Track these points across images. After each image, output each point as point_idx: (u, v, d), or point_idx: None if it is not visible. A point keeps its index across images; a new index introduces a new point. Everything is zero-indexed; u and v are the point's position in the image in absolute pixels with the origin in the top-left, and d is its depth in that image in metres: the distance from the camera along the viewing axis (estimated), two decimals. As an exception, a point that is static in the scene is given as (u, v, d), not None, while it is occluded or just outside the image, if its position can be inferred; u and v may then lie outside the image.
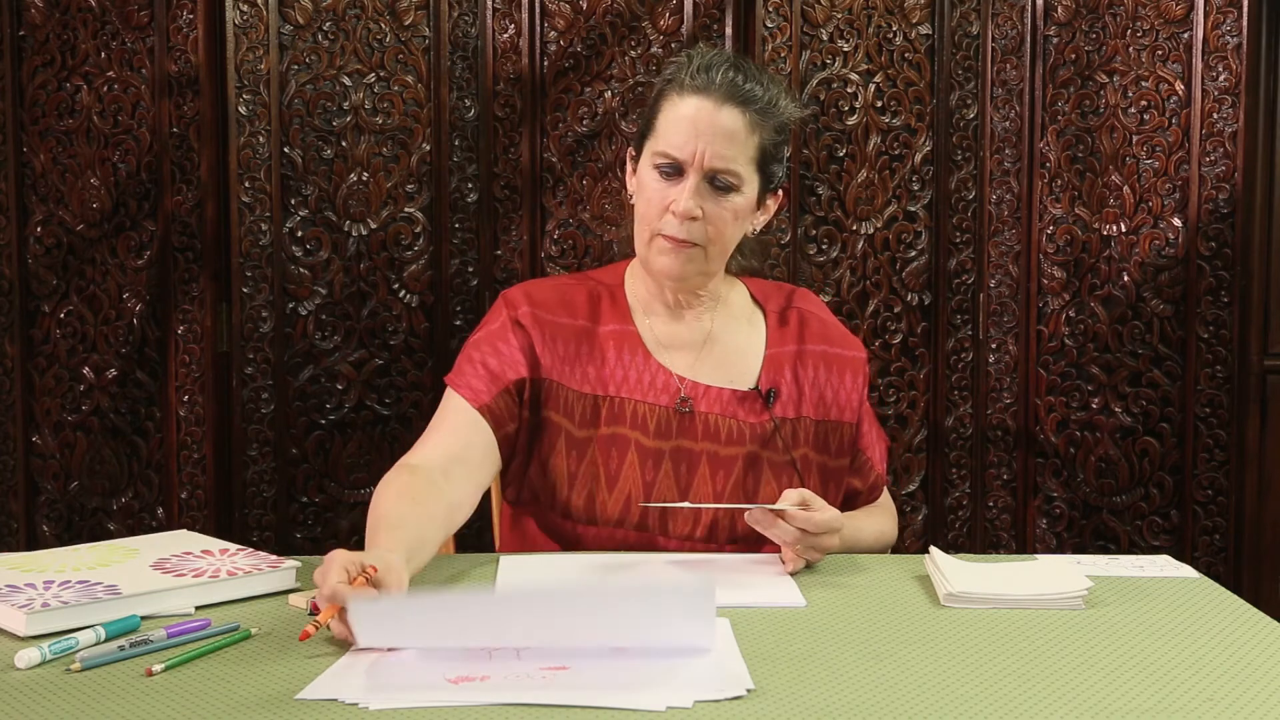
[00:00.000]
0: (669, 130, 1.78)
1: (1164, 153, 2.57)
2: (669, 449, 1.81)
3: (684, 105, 1.77)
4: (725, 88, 1.77)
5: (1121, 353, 2.62)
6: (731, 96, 1.77)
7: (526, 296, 1.86)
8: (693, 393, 1.83)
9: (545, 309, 1.85)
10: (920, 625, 1.44)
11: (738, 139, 1.77)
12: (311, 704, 1.18)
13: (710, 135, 1.75)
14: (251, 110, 2.48)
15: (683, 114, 1.77)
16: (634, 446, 1.81)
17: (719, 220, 1.78)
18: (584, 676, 1.24)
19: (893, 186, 2.62)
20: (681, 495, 1.80)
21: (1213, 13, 2.52)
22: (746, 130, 1.77)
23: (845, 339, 1.94)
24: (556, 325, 1.84)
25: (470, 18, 2.54)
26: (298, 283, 2.53)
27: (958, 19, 2.61)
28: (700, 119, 1.76)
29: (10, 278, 2.54)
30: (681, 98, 1.78)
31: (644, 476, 1.80)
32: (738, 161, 1.77)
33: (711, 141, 1.75)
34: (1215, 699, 1.21)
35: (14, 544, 2.55)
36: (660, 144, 1.78)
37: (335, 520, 2.56)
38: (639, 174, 1.83)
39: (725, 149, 1.76)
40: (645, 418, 1.81)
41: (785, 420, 1.85)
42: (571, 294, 1.88)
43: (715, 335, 1.88)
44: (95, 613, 1.39)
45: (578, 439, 1.81)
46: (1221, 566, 2.57)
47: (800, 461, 1.84)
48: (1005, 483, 2.69)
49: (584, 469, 1.81)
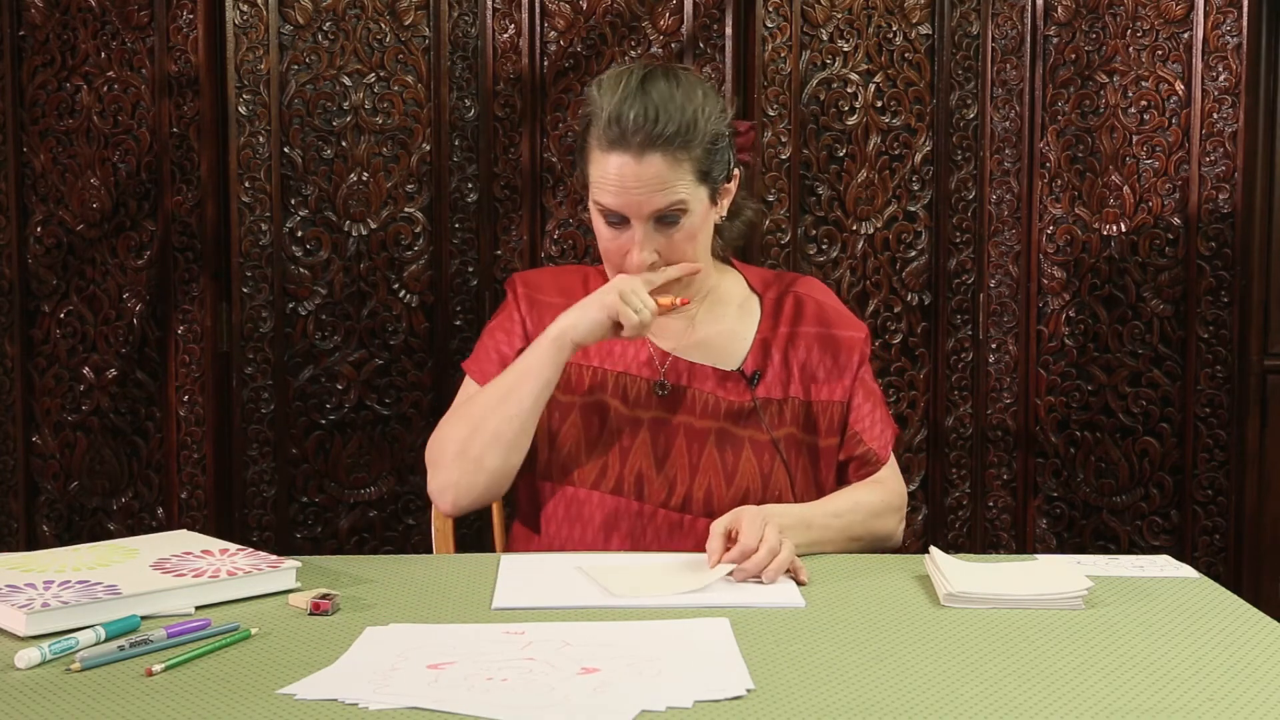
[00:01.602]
0: (601, 185, 1.79)
1: (1164, 153, 2.57)
2: (647, 419, 1.86)
3: (608, 162, 1.77)
4: (639, 136, 1.74)
5: (1121, 353, 2.62)
6: (648, 144, 1.74)
7: (523, 279, 1.99)
8: (674, 368, 1.88)
9: (538, 290, 1.95)
10: (920, 625, 1.44)
11: (667, 178, 1.76)
12: (311, 704, 1.18)
13: (638, 187, 1.76)
14: (251, 110, 2.48)
15: (608, 170, 1.77)
16: (613, 413, 1.86)
17: (678, 249, 1.82)
18: (598, 677, 1.24)
19: (893, 186, 2.62)
20: (658, 464, 1.84)
21: (1213, 13, 2.52)
22: (672, 167, 1.76)
23: (843, 320, 1.95)
24: (546, 304, 1.92)
25: (470, 18, 2.54)
26: (298, 283, 2.53)
27: (958, 19, 2.61)
28: (626, 175, 1.76)
29: (10, 278, 2.54)
30: (604, 153, 1.78)
31: (621, 442, 1.85)
32: (676, 193, 1.77)
33: (643, 193, 1.76)
34: (1215, 699, 1.21)
35: (14, 544, 2.55)
36: (597, 194, 1.80)
37: (335, 520, 2.57)
38: (591, 211, 1.85)
39: (658, 194, 1.76)
40: (625, 388, 1.86)
41: (770, 401, 1.87)
42: (566, 279, 1.98)
43: (702, 320, 1.92)
44: (95, 613, 1.39)
45: (560, 402, 1.87)
46: (1221, 566, 2.57)
47: (785, 441, 1.86)
48: (1005, 483, 2.69)
49: (565, 429, 1.87)
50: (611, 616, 1.46)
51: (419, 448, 2.55)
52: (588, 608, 1.49)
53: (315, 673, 1.26)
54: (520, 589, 1.56)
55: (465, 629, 1.40)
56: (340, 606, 1.48)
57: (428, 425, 2.55)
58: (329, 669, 1.27)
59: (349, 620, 1.44)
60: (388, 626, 1.41)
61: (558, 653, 1.31)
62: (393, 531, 2.58)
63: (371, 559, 1.78)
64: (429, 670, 1.26)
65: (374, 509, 2.57)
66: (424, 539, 2.54)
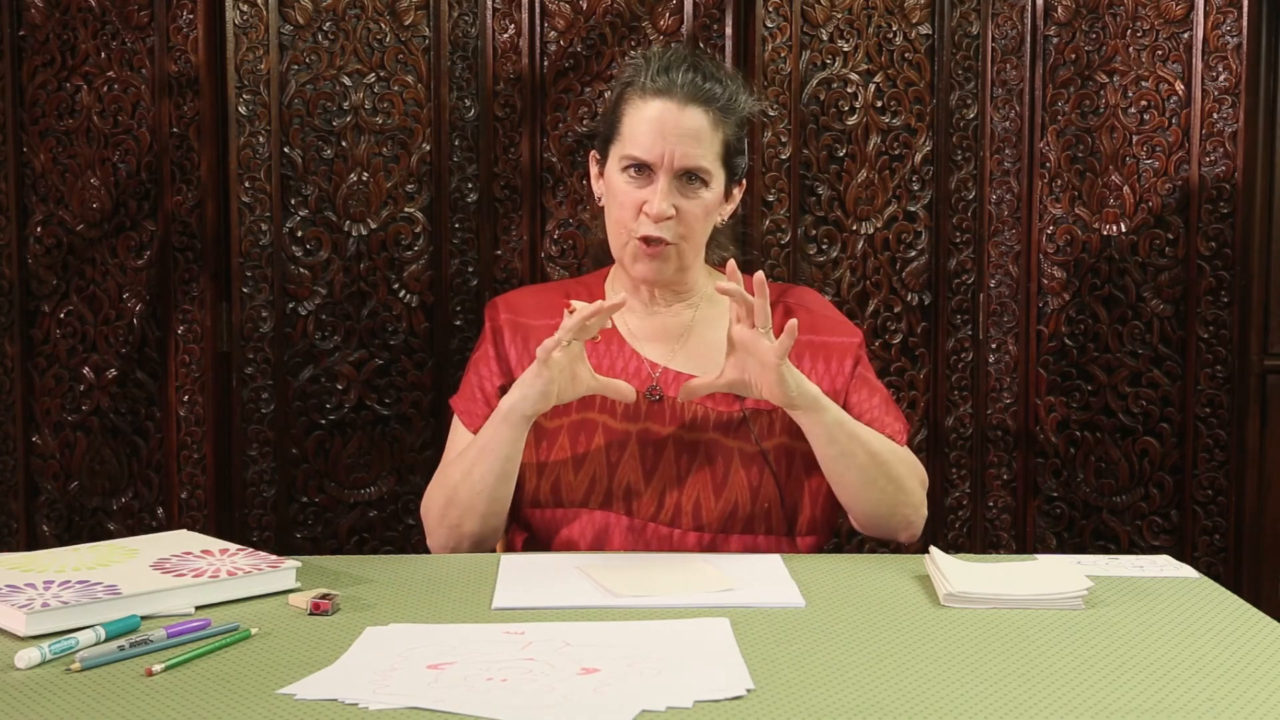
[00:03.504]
0: (635, 133, 1.83)
1: (1164, 153, 2.57)
2: (636, 431, 1.85)
3: (647, 108, 1.83)
4: (687, 88, 1.82)
5: (1121, 353, 2.62)
6: (694, 96, 1.82)
7: (505, 303, 1.98)
8: (664, 379, 1.88)
9: (520, 313, 1.94)
10: (920, 625, 1.44)
11: (703, 137, 1.82)
12: (311, 704, 1.18)
13: (677, 136, 1.81)
14: (251, 110, 2.48)
15: (647, 116, 1.82)
16: (601, 429, 1.85)
17: (691, 217, 1.83)
18: (598, 677, 1.24)
19: (893, 186, 2.62)
20: (647, 475, 1.83)
21: (1213, 13, 2.52)
22: (710, 128, 1.83)
23: (835, 327, 1.95)
24: (529, 327, 1.91)
25: (470, 18, 2.54)
26: (298, 283, 2.53)
27: (958, 19, 2.61)
28: (665, 120, 1.81)
29: (10, 278, 2.54)
30: (644, 100, 1.83)
31: (609, 457, 1.84)
32: (705, 158, 1.83)
33: (679, 142, 1.81)
34: (1215, 699, 1.21)
35: (14, 544, 2.55)
36: (627, 147, 1.83)
37: (335, 520, 2.57)
38: (608, 177, 1.88)
39: (692, 148, 1.81)
40: (614, 402, 1.85)
41: (759, 412, 1.86)
42: (548, 297, 1.96)
43: (695, 328, 1.92)
44: (95, 613, 1.39)
45: (547, 430, 1.86)
46: (1221, 566, 2.57)
47: (774, 451, 1.86)
48: (1005, 483, 2.69)
49: (553, 455, 1.86)
50: (611, 616, 1.46)
51: (419, 448, 2.56)
52: (588, 608, 1.49)
53: (315, 673, 1.26)
54: (520, 589, 1.56)
55: (465, 629, 1.40)
56: (340, 606, 1.48)
57: (427, 425, 2.56)
58: (329, 669, 1.27)
59: (349, 620, 1.44)
60: (388, 626, 1.41)
61: (558, 653, 1.31)
62: (393, 531, 2.58)
63: (371, 559, 1.78)
64: (429, 670, 1.26)
65: (374, 509, 2.57)
66: (424, 539, 2.54)
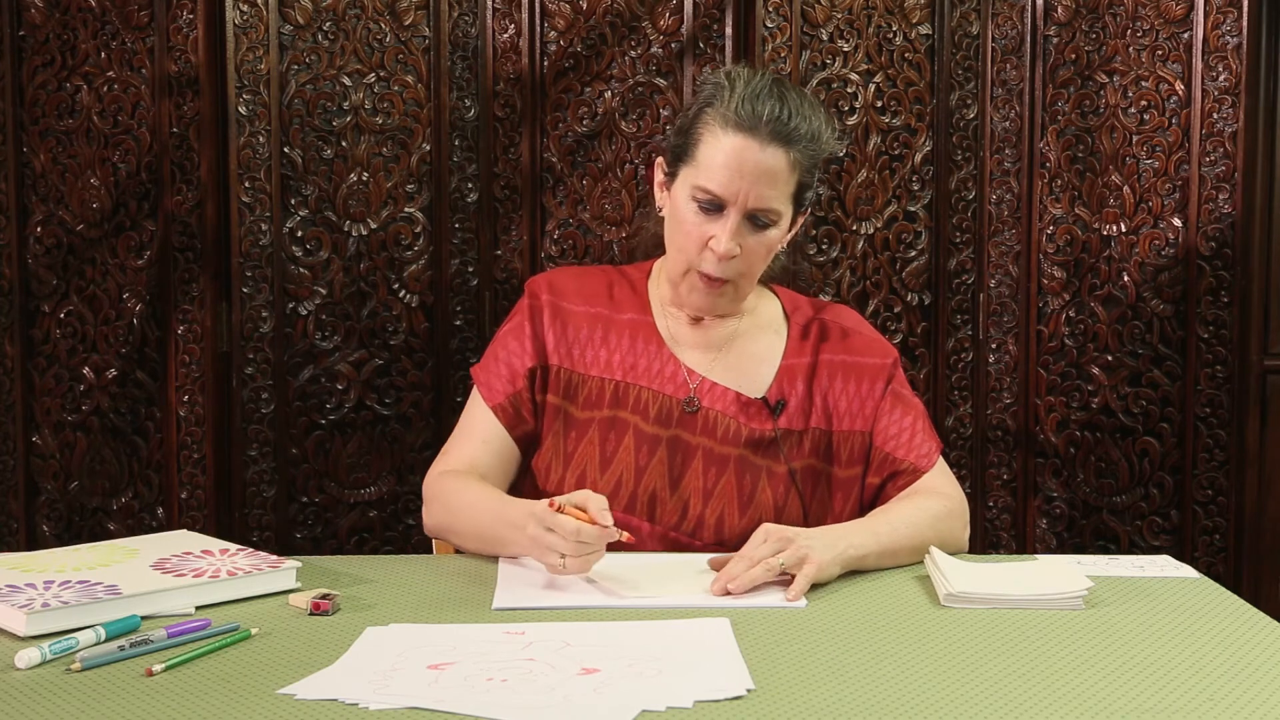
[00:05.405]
0: (711, 166, 1.74)
1: (1164, 153, 2.57)
2: (666, 437, 1.82)
3: (727, 140, 1.73)
4: (771, 125, 1.73)
5: (1121, 353, 2.62)
6: (777, 135, 1.73)
7: (548, 284, 1.90)
8: (700, 389, 1.84)
9: (563, 296, 1.88)
10: (920, 625, 1.44)
11: (780, 179, 1.75)
12: (311, 704, 1.18)
13: (754, 177, 1.73)
14: (251, 110, 2.48)
15: (726, 150, 1.73)
16: (632, 430, 1.82)
17: (754, 255, 1.78)
18: (598, 677, 1.24)
19: (893, 186, 2.62)
20: (673, 484, 1.81)
21: (1213, 13, 2.52)
22: (789, 170, 1.75)
23: (869, 347, 1.90)
24: (570, 312, 1.87)
25: (470, 18, 2.54)
26: (298, 283, 2.53)
27: (958, 19, 2.61)
28: (745, 160, 1.73)
29: (10, 278, 2.54)
30: (725, 132, 1.74)
31: (638, 461, 1.81)
32: (778, 200, 1.76)
33: (755, 183, 1.73)
34: (1215, 699, 1.21)
35: (14, 544, 2.55)
36: (701, 178, 1.75)
37: (335, 520, 2.57)
38: (675, 200, 1.80)
39: (768, 189, 1.74)
40: (648, 404, 1.82)
41: (791, 432, 1.84)
42: (592, 282, 1.91)
43: (736, 340, 1.88)
44: (95, 613, 1.39)
45: (578, 420, 1.84)
46: (1221, 566, 2.57)
47: (801, 473, 1.83)
48: (1005, 483, 2.69)
49: (581, 449, 1.83)
50: (611, 616, 1.46)
51: (419, 448, 2.56)
52: (588, 608, 1.49)
53: (315, 673, 1.26)
54: (520, 589, 1.56)
55: (465, 629, 1.40)
56: (340, 606, 1.48)
57: (427, 425, 2.56)
58: (329, 669, 1.27)
59: (349, 620, 1.44)
60: (388, 626, 1.41)
61: (558, 653, 1.31)
62: (393, 531, 2.58)
63: (371, 559, 1.78)
64: (429, 670, 1.26)
65: (374, 509, 2.57)
66: (424, 539, 2.53)
